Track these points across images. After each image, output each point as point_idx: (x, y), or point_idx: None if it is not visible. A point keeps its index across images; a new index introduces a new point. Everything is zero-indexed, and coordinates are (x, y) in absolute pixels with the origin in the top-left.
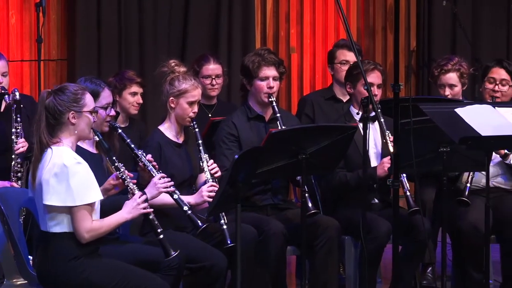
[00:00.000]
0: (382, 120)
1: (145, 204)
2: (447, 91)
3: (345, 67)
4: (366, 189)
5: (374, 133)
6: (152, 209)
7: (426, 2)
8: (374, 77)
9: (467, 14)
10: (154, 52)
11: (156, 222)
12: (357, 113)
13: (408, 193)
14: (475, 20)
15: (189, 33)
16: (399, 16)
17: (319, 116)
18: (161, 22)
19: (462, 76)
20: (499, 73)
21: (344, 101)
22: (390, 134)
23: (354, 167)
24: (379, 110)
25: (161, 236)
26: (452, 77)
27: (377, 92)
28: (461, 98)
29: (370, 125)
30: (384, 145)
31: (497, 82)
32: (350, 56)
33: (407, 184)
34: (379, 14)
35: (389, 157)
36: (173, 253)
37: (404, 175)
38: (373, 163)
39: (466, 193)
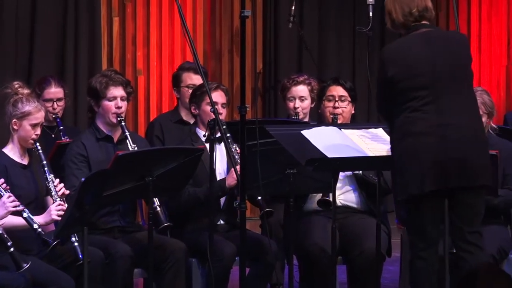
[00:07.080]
0: (228, 135)
1: None
2: (297, 103)
3: None
4: (213, 209)
5: (220, 153)
6: (1, 224)
7: (272, 25)
8: (218, 96)
9: (313, 36)
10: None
11: (6, 236)
12: (204, 135)
13: None
14: (321, 43)
15: (35, 54)
16: (245, 38)
17: (168, 138)
18: (8, 43)
19: (312, 90)
20: (337, 90)
21: (192, 123)
22: (237, 147)
23: (201, 184)
24: (224, 127)
25: (12, 250)
26: (303, 89)
27: (222, 111)
28: (308, 116)
29: (217, 145)
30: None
31: (336, 99)
32: (197, 79)
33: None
34: (225, 37)
35: (237, 166)
36: (24, 265)
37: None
38: None
39: None
